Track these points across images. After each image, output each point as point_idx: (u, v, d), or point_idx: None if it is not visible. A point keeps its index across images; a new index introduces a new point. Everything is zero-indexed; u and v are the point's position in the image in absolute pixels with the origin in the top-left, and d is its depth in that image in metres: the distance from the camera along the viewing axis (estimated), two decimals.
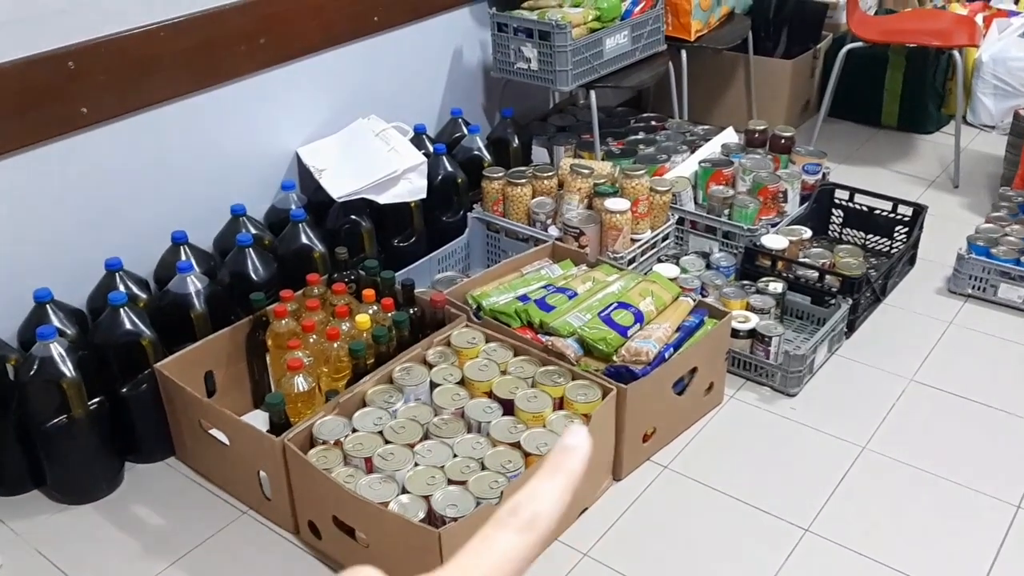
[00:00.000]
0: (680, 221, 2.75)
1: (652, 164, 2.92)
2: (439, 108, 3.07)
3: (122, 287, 2.11)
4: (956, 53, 3.37)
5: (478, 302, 2.23)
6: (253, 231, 2.35)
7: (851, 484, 2.03)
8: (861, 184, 2.89)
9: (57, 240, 2.13)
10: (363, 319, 2.05)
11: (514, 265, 2.42)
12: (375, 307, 2.13)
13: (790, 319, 2.53)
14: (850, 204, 2.88)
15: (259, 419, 2.00)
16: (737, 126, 3.22)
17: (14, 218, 2.04)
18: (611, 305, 2.16)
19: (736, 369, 2.36)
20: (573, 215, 2.57)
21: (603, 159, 2.97)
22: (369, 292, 2.14)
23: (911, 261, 2.82)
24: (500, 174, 2.69)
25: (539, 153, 3.13)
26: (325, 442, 1.83)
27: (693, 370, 2.12)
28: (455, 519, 1.64)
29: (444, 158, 2.70)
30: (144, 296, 2.15)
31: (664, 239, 2.69)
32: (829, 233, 2.94)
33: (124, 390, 2.03)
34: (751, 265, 2.57)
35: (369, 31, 2.72)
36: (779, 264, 2.54)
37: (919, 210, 2.78)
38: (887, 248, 2.85)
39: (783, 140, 2.96)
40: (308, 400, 1.96)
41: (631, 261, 2.55)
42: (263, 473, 1.90)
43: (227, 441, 1.94)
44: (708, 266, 2.61)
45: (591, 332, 2.07)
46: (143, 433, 2.09)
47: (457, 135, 2.96)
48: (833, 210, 2.92)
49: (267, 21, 2.41)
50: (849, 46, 3.38)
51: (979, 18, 3.78)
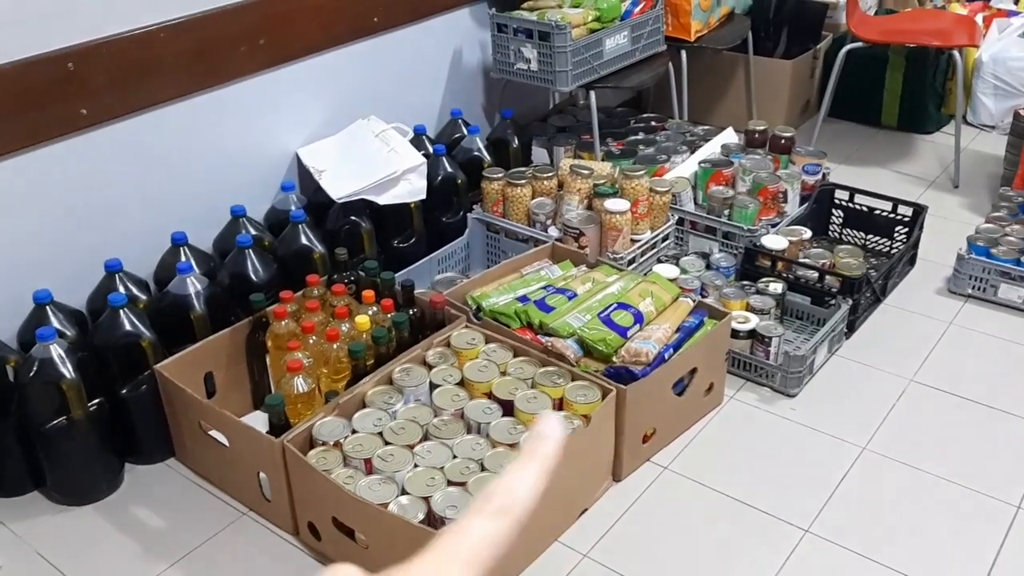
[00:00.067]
0: (680, 221, 2.75)
1: (652, 164, 2.92)
2: (439, 109, 3.07)
3: (122, 288, 2.11)
4: (956, 53, 3.37)
5: (478, 303, 2.23)
6: (253, 232, 2.35)
7: (851, 485, 2.03)
8: (861, 184, 2.89)
9: (57, 241, 2.13)
10: (363, 320, 2.05)
11: (514, 266, 2.42)
12: (375, 308, 2.13)
13: (790, 320, 2.53)
14: (850, 204, 2.88)
15: (259, 420, 2.00)
16: (737, 126, 3.22)
17: (14, 218, 2.04)
18: (611, 306, 2.15)
19: (736, 370, 2.35)
20: (573, 216, 2.57)
21: (603, 159, 2.97)
22: (369, 293, 2.14)
23: (911, 261, 2.82)
24: (500, 175, 2.69)
25: (539, 154, 3.13)
26: (325, 443, 1.83)
27: (693, 371, 2.12)
28: (455, 520, 1.64)
29: (444, 159, 2.70)
30: (144, 297, 2.16)
31: (664, 240, 2.69)
32: (829, 233, 2.93)
33: (124, 391, 2.02)
34: (751, 265, 2.57)
35: (369, 32, 2.72)
36: (779, 264, 2.53)
37: (919, 210, 2.78)
38: (887, 248, 2.85)
39: (783, 140, 2.95)
40: (308, 401, 1.96)
41: (631, 262, 2.55)
42: (263, 474, 1.90)
43: (227, 442, 1.94)
44: (708, 267, 2.61)
45: (591, 333, 2.07)
46: (143, 434, 2.09)
47: (457, 136, 2.96)
48: (833, 210, 2.92)
49: (267, 21, 2.41)
50: (849, 46, 3.37)
51: (979, 18, 3.78)
